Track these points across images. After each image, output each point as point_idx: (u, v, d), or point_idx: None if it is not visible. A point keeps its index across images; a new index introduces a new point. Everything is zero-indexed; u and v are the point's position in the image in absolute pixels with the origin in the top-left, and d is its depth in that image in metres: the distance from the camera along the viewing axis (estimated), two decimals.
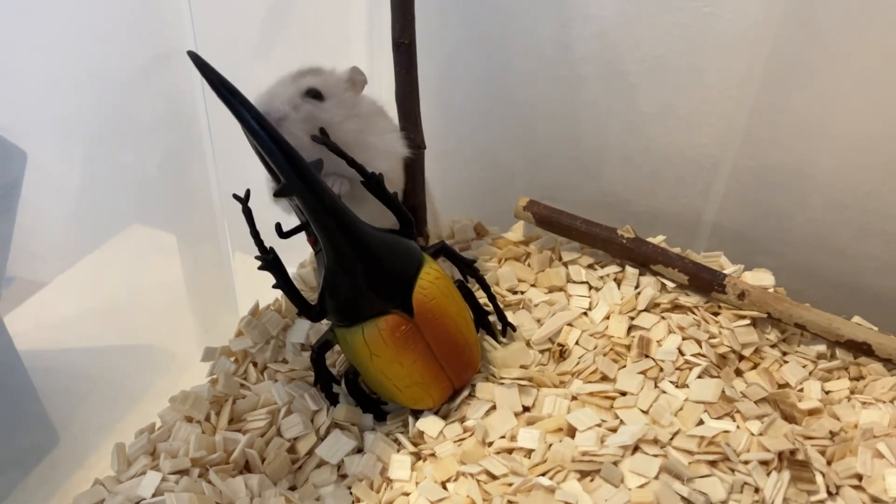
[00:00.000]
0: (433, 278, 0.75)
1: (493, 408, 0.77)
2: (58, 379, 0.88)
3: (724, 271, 0.87)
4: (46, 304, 0.92)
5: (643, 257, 0.89)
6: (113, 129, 0.89)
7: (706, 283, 0.86)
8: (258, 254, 0.74)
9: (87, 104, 0.87)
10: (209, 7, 0.91)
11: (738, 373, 0.82)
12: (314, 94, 0.75)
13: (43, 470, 0.83)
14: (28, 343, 0.84)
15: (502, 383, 0.79)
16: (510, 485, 0.68)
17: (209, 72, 0.61)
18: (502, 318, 0.84)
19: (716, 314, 0.86)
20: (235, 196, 0.73)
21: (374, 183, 0.73)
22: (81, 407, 0.89)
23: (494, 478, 0.70)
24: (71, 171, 0.89)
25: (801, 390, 0.80)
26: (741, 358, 0.83)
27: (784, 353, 0.84)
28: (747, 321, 0.84)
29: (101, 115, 0.88)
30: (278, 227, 0.74)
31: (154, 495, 0.69)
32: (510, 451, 0.73)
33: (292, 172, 0.64)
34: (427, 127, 0.87)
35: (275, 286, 0.75)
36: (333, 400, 0.79)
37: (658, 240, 0.92)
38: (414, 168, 0.84)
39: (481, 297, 0.85)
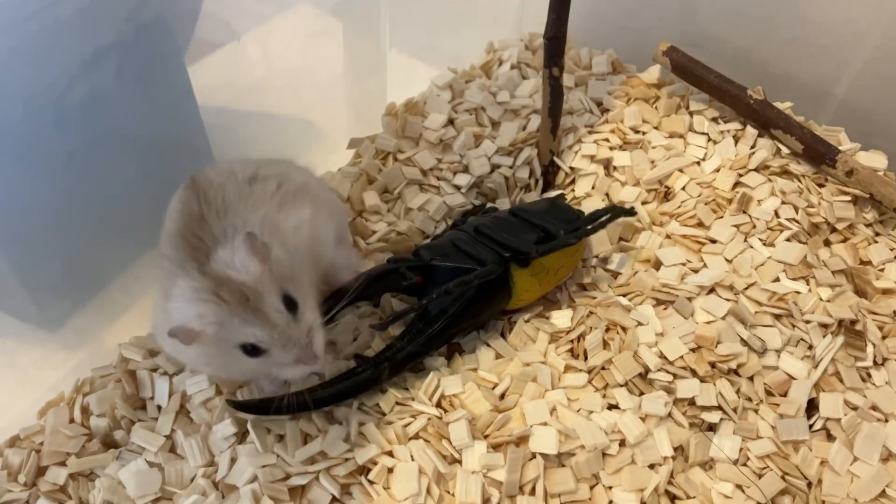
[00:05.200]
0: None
1: None
2: (226, 131, 1.01)
3: (840, 147, 0.90)
4: (223, 66, 1.03)
5: (766, 120, 0.92)
6: None
7: (819, 155, 0.89)
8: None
9: None
10: None
11: (827, 243, 0.86)
12: (290, 306, 0.61)
13: None
14: (205, 98, 0.95)
15: None
16: (594, 297, 0.79)
17: None
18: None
19: (821, 186, 0.89)
20: None
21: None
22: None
23: (583, 288, 0.81)
24: None
25: (882, 270, 0.85)
26: (833, 230, 0.87)
27: (876, 234, 0.87)
28: (849, 198, 0.87)
29: None
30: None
31: None
32: (601, 269, 0.83)
33: None
34: None
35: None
36: None
37: (784, 106, 0.95)
38: (561, 2, 0.87)
39: None
